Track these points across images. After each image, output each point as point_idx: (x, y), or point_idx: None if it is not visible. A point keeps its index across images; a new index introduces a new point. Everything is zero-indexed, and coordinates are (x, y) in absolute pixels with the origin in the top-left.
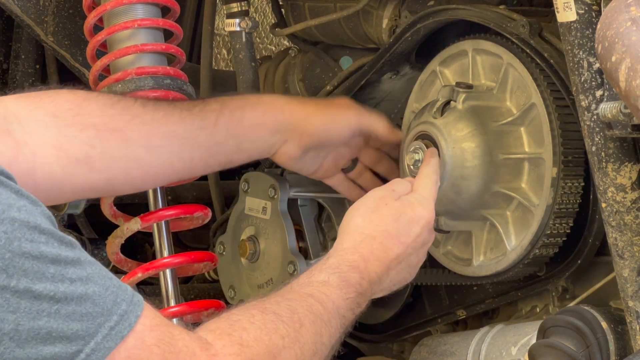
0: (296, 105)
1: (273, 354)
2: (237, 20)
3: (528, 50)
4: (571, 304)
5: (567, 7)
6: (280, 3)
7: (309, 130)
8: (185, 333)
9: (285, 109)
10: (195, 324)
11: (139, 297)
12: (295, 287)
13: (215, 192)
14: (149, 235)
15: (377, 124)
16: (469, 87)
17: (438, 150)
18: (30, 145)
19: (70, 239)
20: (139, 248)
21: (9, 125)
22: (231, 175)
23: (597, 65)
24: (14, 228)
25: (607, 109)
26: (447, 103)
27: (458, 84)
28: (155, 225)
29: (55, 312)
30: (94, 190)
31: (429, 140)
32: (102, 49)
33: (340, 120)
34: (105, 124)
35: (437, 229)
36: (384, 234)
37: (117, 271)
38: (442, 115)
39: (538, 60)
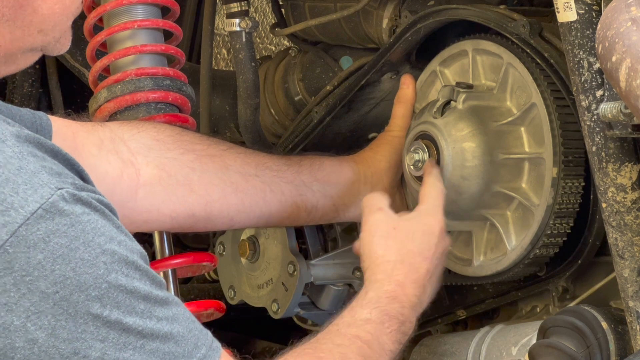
0: (362, 153)
1: None
2: (237, 20)
3: (528, 50)
4: (571, 304)
5: (567, 7)
6: (280, 3)
7: (381, 167)
8: None
9: (355, 158)
10: None
11: (217, 343)
12: (342, 329)
13: None
14: (149, 235)
15: None
16: (469, 87)
17: (438, 150)
18: (135, 165)
19: (161, 279)
20: None
21: (116, 145)
22: None
23: (598, 65)
24: (113, 260)
25: (608, 109)
26: (447, 103)
27: (458, 84)
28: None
29: (141, 347)
30: (191, 215)
31: (429, 140)
32: (102, 49)
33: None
34: (204, 150)
35: None
36: (409, 255)
37: None
38: (442, 115)
39: (538, 60)
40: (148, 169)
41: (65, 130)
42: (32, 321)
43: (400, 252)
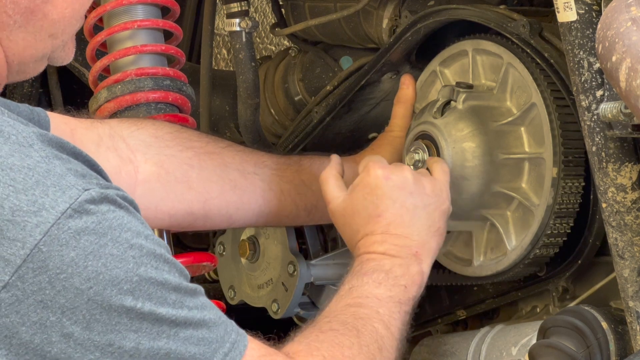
0: (363, 153)
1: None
2: (237, 20)
3: (528, 50)
4: (571, 304)
5: (567, 7)
6: (280, 3)
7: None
8: (286, 357)
9: (355, 158)
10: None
11: (242, 330)
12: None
13: None
14: None
15: None
16: (469, 87)
17: (438, 150)
18: (133, 163)
19: (186, 271)
20: None
21: (115, 142)
22: None
23: (598, 65)
24: (142, 254)
25: (608, 109)
26: (448, 103)
27: (458, 84)
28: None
29: (174, 335)
30: (190, 213)
31: (429, 140)
32: (102, 49)
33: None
34: (203, 147)
35: None
36: (399, 210)
37: None
38: (442, 115)
39: (538, 60)
40: (146, 166)
41: (63, 127)
42: (67, 316)
43: (394, 212)
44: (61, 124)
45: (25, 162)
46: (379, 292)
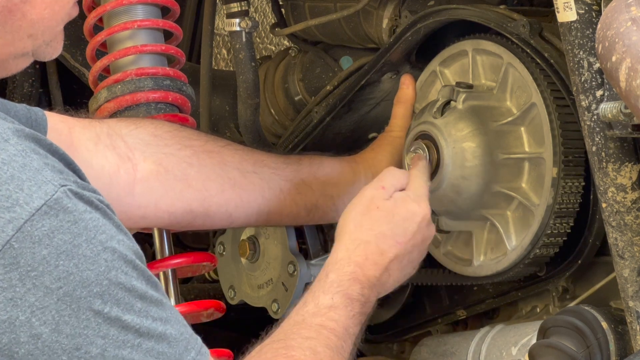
0: (363, 153)
1: None
2: (237, 20)
3: (528, 50)
4: (571, 304)
5: (567, 7)
6: (280, 3)
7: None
8: None
9: (355, 158)
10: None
11: (206, 349)
12: (307, 319)
13: None
14: (149, 235)
15: None
16: (469, 87)
17: (438, 150)
18: (132, 161)
19: (156, 280)
20: None
21: (113, 141)
22: None
23: (598, 65)
24: (114, 258)
25: (608, 109)
26: (447, 103)
27: (458, 84)
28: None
29: (138, 345)
30: (189, 211)
31: (429, 140)
32: (102, 49)
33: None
34: (202, 146)
35: (438, 230)
36: (378, 237)
37: None
38: (442, 115)
39: (538, 60)
40: (145, 164)
41: (61, 126)
42: (36, 316)
43: (371, 233)
44: (59, 122)
45: (0, 156)
46: (349, 323)
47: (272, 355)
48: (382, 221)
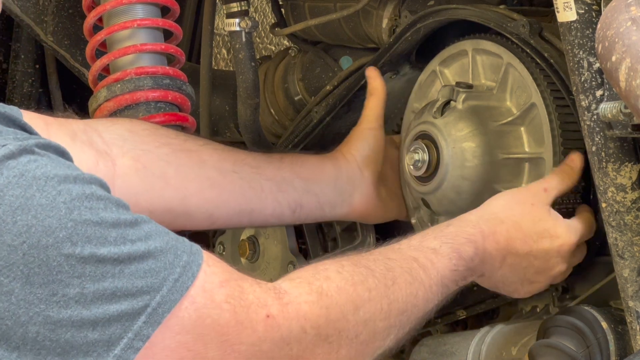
0: (338, 149)
1: (355, 304)
2: (237, 20)
3: (528, 50)
4: (571, 304)
5: (567, 7)
6: (280, 3)
7: (364, 153)
8: (257, 284)
9: (333, 155)
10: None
11: (197, 246)
12: (403, 247)
13: None
14: None
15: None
16: (469, 87)
17: (438, 150)
18: (110, 155)
19: (124, 202)
20: None
21: (90, 137)
22: None
23: (597, 65)
24: (72, 198)
25: (607, 108)
26: (447, 103)
27: (458, 84)
28: None
29: (120, 272)
30: (169, 210)
31: (429, 140)
32: (102, 49)
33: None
34: (180, 145)
35: None
36: (514, 224)
37: None
38: (442, 115)
39: (538, 60)
40: (124, 159)
41: (37, 121)
42: (4, 275)
43: (511, 217)
44: (34, 118)
45: None
46: (447, 274)
47: (339, 260)
48: (528, 217)
